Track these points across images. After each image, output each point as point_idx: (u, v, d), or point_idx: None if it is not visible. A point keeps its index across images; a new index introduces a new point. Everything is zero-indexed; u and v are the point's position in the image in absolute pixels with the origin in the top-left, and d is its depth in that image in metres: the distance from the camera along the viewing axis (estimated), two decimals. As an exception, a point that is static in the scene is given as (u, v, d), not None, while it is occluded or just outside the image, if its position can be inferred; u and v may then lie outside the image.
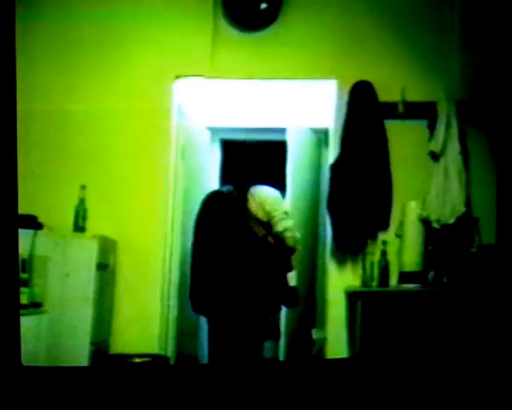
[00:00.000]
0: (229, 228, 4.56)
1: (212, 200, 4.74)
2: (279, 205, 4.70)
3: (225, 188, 4.89)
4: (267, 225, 4.62)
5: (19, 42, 3.30)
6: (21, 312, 3.88)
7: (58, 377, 3.48)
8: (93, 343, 4.64)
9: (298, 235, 4.71)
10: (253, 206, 4.66)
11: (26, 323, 3.87)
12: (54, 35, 5.32)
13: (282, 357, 5.83)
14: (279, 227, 4.59)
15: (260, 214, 4.63)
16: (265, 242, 4.62)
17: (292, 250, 4.69)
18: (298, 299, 4.82)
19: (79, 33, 5.35)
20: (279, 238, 4.60)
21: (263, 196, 4.69)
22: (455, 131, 5.24)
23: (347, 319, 5.34)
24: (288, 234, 4.61)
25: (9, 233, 3.20)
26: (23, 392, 3.31)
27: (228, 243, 4.52)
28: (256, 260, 4.55)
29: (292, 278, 4.70)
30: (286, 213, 4.68)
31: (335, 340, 5.37)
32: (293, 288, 4.74)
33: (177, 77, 5.44)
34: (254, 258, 4.55)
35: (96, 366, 4.63)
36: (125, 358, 4.89)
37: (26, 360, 3.76)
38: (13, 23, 3.26)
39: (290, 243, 4.64)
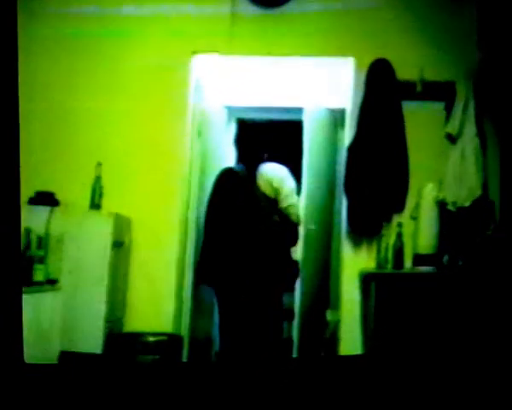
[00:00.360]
0: (239, 205, 4.74)
1: (224, 177, 4.92)
2: (286, 182, 4.85)
3: (237, 167, 5.08)
4: (274, 201, 4.79)
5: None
6: (36, 289, 3.94)
7: (61, 375, 3.47)
8: (107, 321, 4.65)
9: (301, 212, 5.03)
10: (261, 183, 4.82)
11: (41, 300, 3.91)
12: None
13: (295, 338, 5.91)
14: (284, 203, 4.77)
15: (268, 191, 4.79)
16: (271, 217, 4.79)
17: (295, 226, 4.93)
18: (298, 271, 5.26)
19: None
20: (284, 214, 4.79)
21: (270, 173, 4.86)
22: (472, 113, 5.18)
23: (361, 301, 5.35)
24: (291, 210, 4.80)
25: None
26: (25, 392, 3.24)
27: (237, 218, 4.72)
28: (262, 235, 4.73)
29: (294, 252, 5.15)
30: (292, 190, 4.85)
31: (349, 322, 5.36)
32: (295, 261, 5.19)
33: (195, 53, 5.41)
34: (260, 233, 4.73)
35: (105, 358, 4.67)
36: (138, 337, 4.86)
37: (40, 339, 3.80)
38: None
39: (294, 218, 4.84)
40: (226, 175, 4.95)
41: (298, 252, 5.63)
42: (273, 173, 4.86)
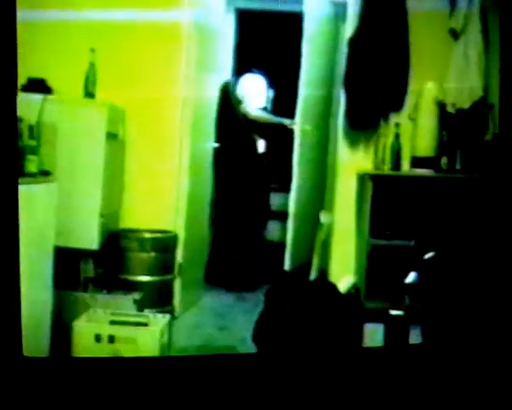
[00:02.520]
0: (227, 112, 5.96)
1: (220, 91, 5.95)
2: (247, 93, 6.16)
3: (231, 80, 6.34)
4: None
5: None
6: (30, 180, 3.72)
7: (63, 369, 3.31)
8: (103, 216, 4.50)
9: (255, 112, 6.16)
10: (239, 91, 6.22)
11: (35, 192, 3.69)
12: None
13: (289, 239, 5.86)
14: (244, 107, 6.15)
15: (240, 97, 6.17)
16: (242, 117, 6.15)
17: (254, 123, 6.15)
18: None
19: None
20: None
21: (241, 84, 6.21)
22: (477, 7, 5.03)
23: (357, 202, 5.29)
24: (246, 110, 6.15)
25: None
26: (25, 386, 3.10)
27: (222, 120, 5.83)
28: (237, 132, 6.14)
29: (260, 147, 6.21)
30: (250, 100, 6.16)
31: (343, 224, 5.33)
32: (261, 154, 6.25)
33: None
34: (236, 130, 6.13)
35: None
36: (134, 233, 4.81)
37: (35, 235, 3.63)
38: None
39: (248, 117, 6.13)
40: (221, 88, 5.99)
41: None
42: (242, 85, 6.20)
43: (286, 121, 6.12)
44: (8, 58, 3.03)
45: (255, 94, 6.19)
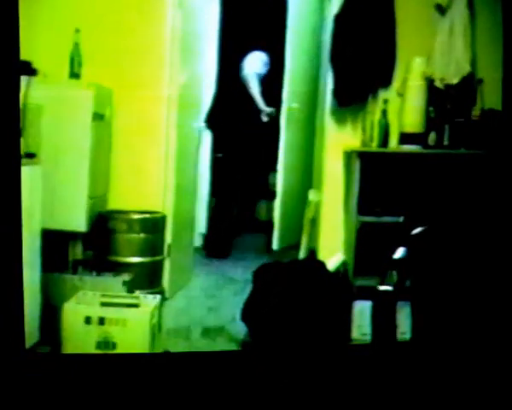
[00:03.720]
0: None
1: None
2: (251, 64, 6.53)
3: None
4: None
5: None
6: (15, 162, 3.71)
7: (64, 364, 3.29)
8: (91, 198, 4.49)
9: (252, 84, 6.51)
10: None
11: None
12: None
13: (276, 219, 5.87)
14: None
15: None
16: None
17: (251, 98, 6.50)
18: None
19: None
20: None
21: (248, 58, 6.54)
22: (462, -18, 5.04)
23: (345, 180, 5.28)
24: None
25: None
26: (26, 381, 3.08)
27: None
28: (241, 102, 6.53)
29: (264, 116, 6.51)
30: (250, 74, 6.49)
31: (331, 201, 5.29)
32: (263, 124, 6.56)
33: None
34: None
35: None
36: (122, 214, 4.79)
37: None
38: None
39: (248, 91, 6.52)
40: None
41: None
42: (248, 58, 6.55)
43: (264, 107, 6.46)
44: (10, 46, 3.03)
45: (253, 62, 6.50)
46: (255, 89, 6.46)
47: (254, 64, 6.49)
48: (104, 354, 3.69)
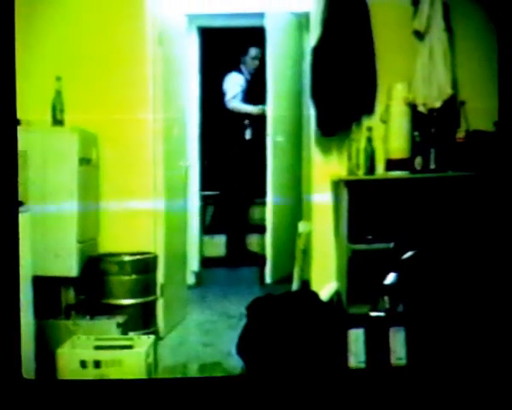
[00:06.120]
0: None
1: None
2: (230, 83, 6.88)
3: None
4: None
5: None
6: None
7: (60, 392, 3.31)
8: (80, 242, 4.50)
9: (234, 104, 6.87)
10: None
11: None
12: None
13: (268, 252, 5.91)
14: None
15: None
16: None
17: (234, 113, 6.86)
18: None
19: None
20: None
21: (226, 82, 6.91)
22: (439, 7, 5.04)
23: (334, 209, 5.29)
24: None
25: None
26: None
27: None
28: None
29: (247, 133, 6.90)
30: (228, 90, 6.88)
31: (321, 231, 5.31)
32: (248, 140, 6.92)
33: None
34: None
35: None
36: (113, 257, 4.78)
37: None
38: None
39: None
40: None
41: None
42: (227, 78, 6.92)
43: (252, 109, 6.76)
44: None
45: (231, 86, 6.86)
46: (242, 107, 6.79)
47: (233, 87, 6.80)
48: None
